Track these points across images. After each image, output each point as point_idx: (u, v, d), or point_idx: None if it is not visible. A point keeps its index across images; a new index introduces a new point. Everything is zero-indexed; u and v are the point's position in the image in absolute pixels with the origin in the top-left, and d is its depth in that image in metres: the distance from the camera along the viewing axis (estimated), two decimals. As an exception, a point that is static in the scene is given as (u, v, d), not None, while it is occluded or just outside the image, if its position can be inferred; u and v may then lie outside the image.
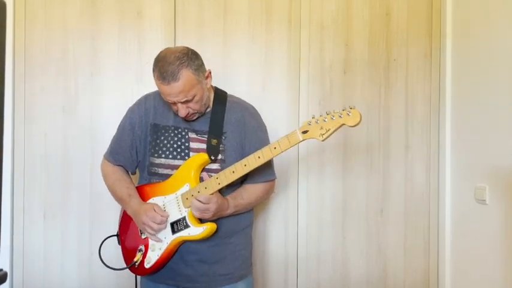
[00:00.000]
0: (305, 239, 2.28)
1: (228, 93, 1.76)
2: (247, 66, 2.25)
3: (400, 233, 2.33)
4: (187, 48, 1.59)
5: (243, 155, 1.64)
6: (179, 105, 1.57)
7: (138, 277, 1.77)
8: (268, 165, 1.67)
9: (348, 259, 2.30)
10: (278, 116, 2.26)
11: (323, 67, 2.29)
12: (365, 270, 2.31)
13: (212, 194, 1.56)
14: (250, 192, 1.70)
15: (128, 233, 1.73)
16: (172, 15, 2.21)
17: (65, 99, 2.17)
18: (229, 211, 1.63)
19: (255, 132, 1.71)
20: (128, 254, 1.72)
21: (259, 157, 1.54)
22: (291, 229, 2.28)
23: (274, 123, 2.24)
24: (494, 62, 1.98)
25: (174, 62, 1.51)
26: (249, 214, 1.79)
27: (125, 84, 2.19)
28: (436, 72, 2.34)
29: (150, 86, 2.17)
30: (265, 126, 1.77)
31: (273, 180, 1.79)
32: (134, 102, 1.76)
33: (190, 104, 1.58)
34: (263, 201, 2.00)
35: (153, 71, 1.56)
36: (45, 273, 2.16)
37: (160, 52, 1.58)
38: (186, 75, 1.52)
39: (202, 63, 1.61)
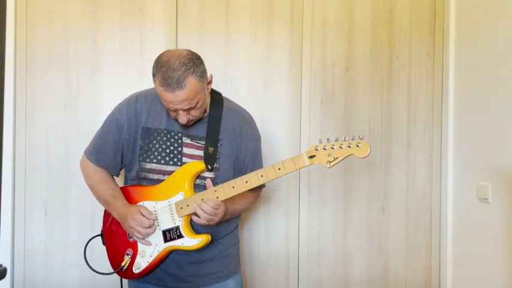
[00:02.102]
0: (306, 237, 2.27)
1: (223, 95, 1.71)
2: (249, 63, 2.24)
3: (402, 231, 2.32)
4: (191, 52, 1.50)
5: (236, 163, 1.64)
6: (180, 112, 1.49)
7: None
8: None
9: (349, 257, 2.30)
10: (280, 113, 2.25)
11: (325, 64, 2.28)
12: (366, 269, 2.30)
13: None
14: (245, 199, 1.69)
15: (114, 234, 1.66)
16: (174, 13, 2.20)
17: (66, 96, 2.17)
18: (227, 217, 1.61)
19: (250, 142, 1.68)
20: (114, 256, 1.67)
21: (261, 176, 1.51)
22: (292, 226, 2.27)
23: (276, 121, 2.24)
24: (497, 60, 1.97)
25: (179, 68, 1.41)
26: (238, 217, 1.78)
27: (126, 82, 2.18)
28: (439, 71, 2.32)
29: (151, 82, 2.18)
30: (259, 135, 1.74)
31: (262, 188, 1.80)
32: (121, 101, 1.66)
33: (192, 111, 1.51)
34: (250, 208, 2.02)
35: (154, 75, 1.46)
36: (46, 269, 2.17)
37: (162, 56, 1.47)
38: (191, 82, 1.43)
39: (205, 69, 1.52)
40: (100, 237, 1.73)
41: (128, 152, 1.62)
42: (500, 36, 1.95)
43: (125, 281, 1.76)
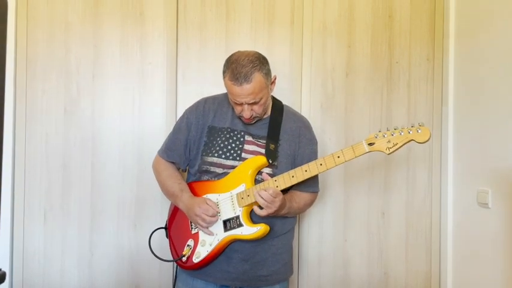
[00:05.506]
0: (306, 241, 2.27)
1: (283, 103, 1.82)
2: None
3: (402, 236, 2.31)
4: (258, 52, 1.65)
5: (293, 164, 1.69)
6: (245, 106, 1.62)
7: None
8: (315, 177, 1.71)
9: (349, 261, 2.29)
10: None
11: (325, 69, 2.29)
12: (366, 273, 2.29)
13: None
14: (300, 198, 1.75)
15: (178, 226, 1.77)
16: (174, 17, 2.21)
17: (66, 100, 2.17)
18: (284, 211, 1.66)
19: (308, 145, 1.77)
20: (176, 248, 1.76)
21: (321, 164, 1.58)
22: (291, 231, 2.27)
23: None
24: (497, 65, 1.97)
25: (247, 65, 1.57)
26: (293, 218, 1.83)
27: (126, 86, 2.19)
28: (439, 76, 2.33)
29: (151, 87, 2.20)
30: (316, 140, 1.83)
31: (317, 192, 1.84)
32: (192, 104, 1.80)
33: (255, 107, 1.63)
34: (304, 211, 2.04)
35: (224, 72, 1.62)
36: (45, 273, 2.16)
37: (232, 55, 1.64)
38: (257, 78, 1.58)
39: (270, 69, 1.66)
40: (164, 230, 1.84)
41: (193, 147, 1.75)
42: (499, 41, 1.96)
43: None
